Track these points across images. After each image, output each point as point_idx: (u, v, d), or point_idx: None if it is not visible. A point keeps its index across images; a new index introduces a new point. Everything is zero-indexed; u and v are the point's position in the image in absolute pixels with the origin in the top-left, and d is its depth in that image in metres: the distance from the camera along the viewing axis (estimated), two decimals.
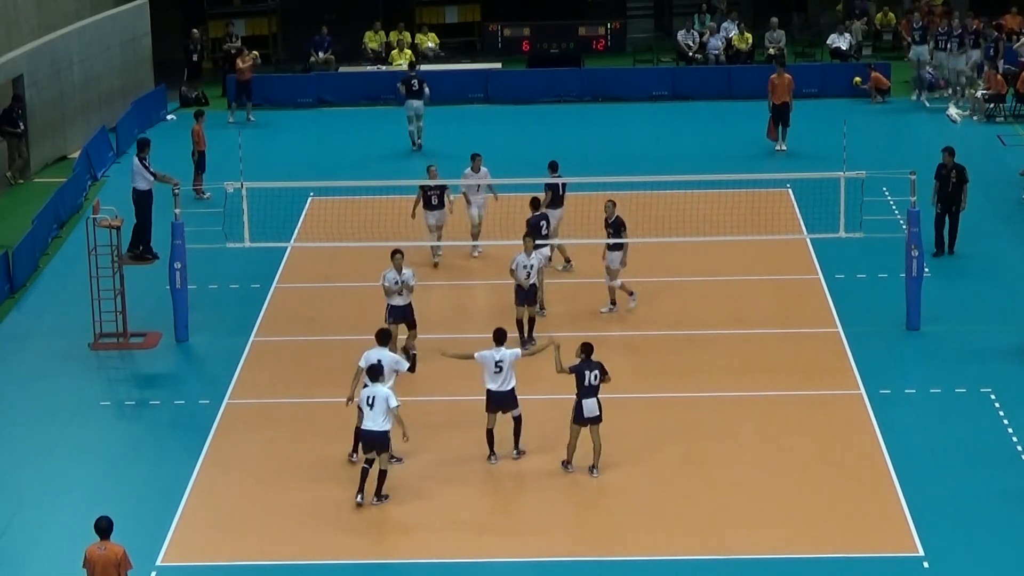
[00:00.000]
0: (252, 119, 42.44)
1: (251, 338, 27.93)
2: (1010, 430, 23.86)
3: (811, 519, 21.42)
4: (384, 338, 22.86)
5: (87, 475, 23.31)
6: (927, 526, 21.07)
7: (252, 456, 23.65)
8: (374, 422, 21.59)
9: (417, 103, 39.55)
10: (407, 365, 23.22)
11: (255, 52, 43.56)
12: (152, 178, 28.17)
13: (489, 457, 22.93)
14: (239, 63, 42.54)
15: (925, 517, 21.29)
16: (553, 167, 30.65)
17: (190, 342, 27.81)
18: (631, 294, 28.20)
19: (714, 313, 28.53)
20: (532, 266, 26.51)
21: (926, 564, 20.27)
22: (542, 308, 27.73)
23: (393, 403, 21.56)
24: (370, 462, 21.75)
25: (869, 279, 29.89)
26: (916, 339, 27.37)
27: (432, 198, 30.63)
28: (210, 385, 26.13)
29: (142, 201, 28.38)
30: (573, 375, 22.32)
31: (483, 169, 31.13)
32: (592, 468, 22.63)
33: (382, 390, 21.63)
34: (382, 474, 21.74)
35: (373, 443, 21.68)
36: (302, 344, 27.15)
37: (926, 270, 28.14)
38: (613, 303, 28.25)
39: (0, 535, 21.51)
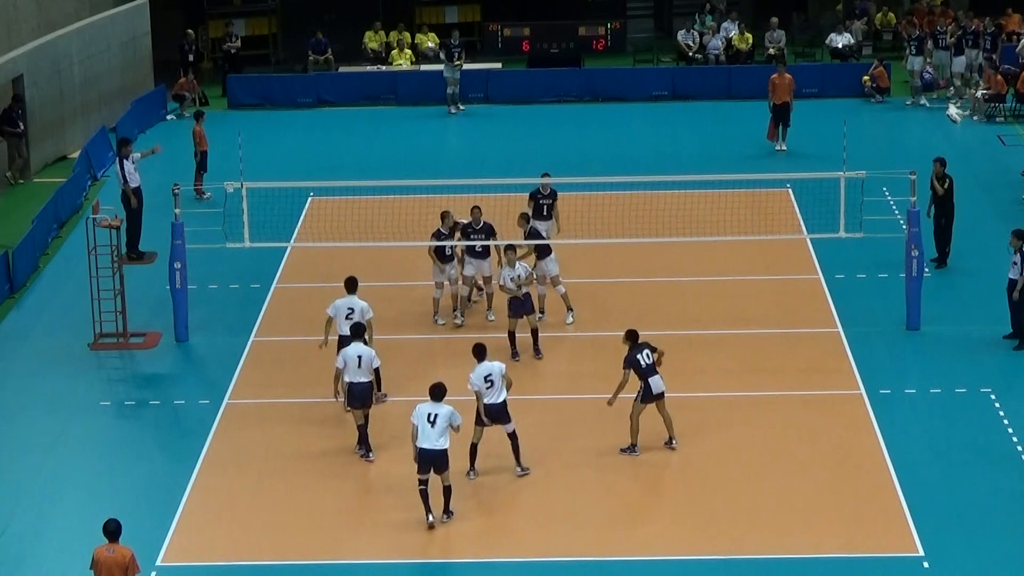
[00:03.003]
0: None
1: (251, 338, 27.93)
2: (1010, 430, 23.86)
3: (811, 519, 21.42)
4: (351, 285, 24.89)
5: (87, 475, 23.31)
6: (927, 526, 21.07)
7: (252, 456, 23.65)
8: (433, 440, 20.95)
9: (452, 66, 42.84)
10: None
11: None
12: (123, 181, 28.05)
13: (468, 473, 22.63)
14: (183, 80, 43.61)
15: (925, 517, 21.29)
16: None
17: (190, 342, 27.81)
18: (542, 312, 27.97)
19: (714, 313, 28.52)
20: (519, 276, 26.43)
21: (926, 564, 20.27)
22: (542, 312, 27.66)
23: (457, 421, 21.10)
24: (425, 482, 21.15)
25: (869, 279, 29.89)
26: (916, 339, 27.36)
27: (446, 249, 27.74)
28: (210, 385, 26.14)
29: (126, 201, 28.30)
30: (630, 368, 22.91)
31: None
32: (670, 440, 23.23)
33: (445, 408, 21.05)
34: (447, 490, 21.23)
35: (433, 462, 21.04)
36: (302, 344, 27.13)
37: (926, 270, 28.15)
38: (570, 308, 28.14)
39: (0, 535, 21.52)
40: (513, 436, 22.61)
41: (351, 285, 25.01)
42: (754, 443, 23.61)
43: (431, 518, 21.14)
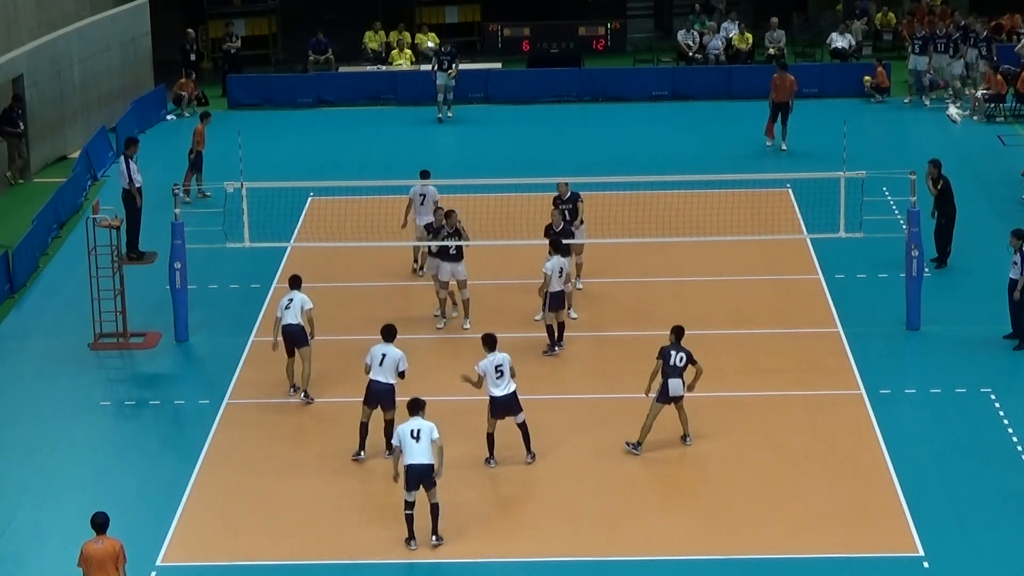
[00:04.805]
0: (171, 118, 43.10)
1: (251, 338, 27.92)
2: (1010, 430, 23.87)
3: (811, 519, 21.42)
4: (294, 282, 25.23)
5: (87, 475, 23.31)
6: (927, 526, 21.07)
7: (252, 456, 23.65)
8: (420, 455, 20.61)
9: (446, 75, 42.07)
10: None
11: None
12: (127, 181, 27.97)
13: (488, 460, 22.89)
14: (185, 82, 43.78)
15: (925, 517, 21.30)
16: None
17: (190, 342, 27.81)
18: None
19: (714, 313, 28.51)
20: (550, 272, 26.45)
21: (926, 564, 20.28)
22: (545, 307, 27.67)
23: (435, 436, 20.71)
24: (411, 505, 20.77)
25: (869, 279, 29.89)
26: (916, 339, 27.37)
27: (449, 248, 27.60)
28: (210, 385, 26.13)
29: (128, 200, 28.25)
30: (660, 359, 23.03)
31: (430, 187, 28.72)
32: (684, 436, 23.37)
33: (426, 423, 20.80)
34: (435, 508, 20.85)
35: (420, 478, 20.68)
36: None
37: (926, 270, 28.15)
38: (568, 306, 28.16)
39: (0, 535, 21.52)
40: (523, 426, 22.80)
41: (294, 282, 25.29)
42: (754, 443, 23.60)
43: (413, 544, 20.82)
